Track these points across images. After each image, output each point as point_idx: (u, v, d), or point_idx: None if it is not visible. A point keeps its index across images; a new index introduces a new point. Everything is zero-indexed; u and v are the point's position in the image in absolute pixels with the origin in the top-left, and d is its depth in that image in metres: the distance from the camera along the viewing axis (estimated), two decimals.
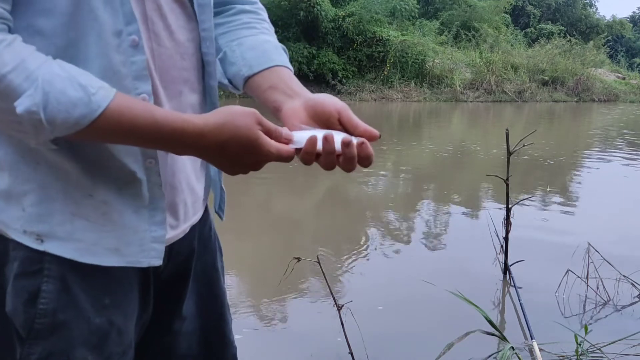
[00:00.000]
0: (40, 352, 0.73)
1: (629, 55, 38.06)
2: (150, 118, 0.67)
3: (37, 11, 0.65)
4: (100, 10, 0.67)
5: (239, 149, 0.70)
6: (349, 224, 4.32)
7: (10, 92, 0.60)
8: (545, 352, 2.19)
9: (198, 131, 0.69)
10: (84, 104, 0.63)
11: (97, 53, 0.68)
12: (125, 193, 0.75)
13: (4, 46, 0.61)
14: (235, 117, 0.70)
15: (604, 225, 4.34)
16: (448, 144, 9.50)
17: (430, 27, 22.56)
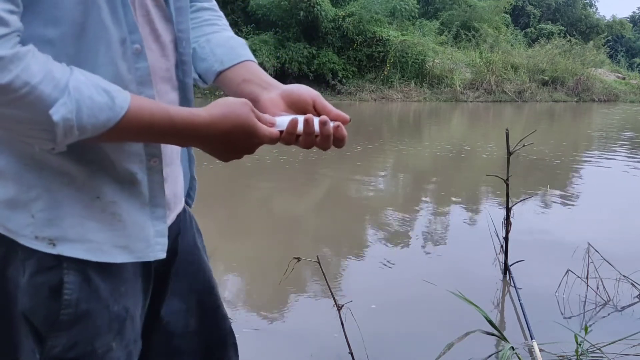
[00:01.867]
0: (65, 343, 0.76)
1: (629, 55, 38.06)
2: (165, 114, 0.73)
3: (46, 21, 0.67)
4: (108, 20, 0.71)
5: (240, 134, 0.78)
6: (349, 224, 4.32)
7: (40, 101, 0.62)
8: (545, 352, 2.19)
9: (206, 122, 0.75)
10: (109, 108, 0.67)
11: (106, 61, 0.72)
12: (130, 192, 0.79)
13: (30, 57, 0.62)
14: (234, 107, 0.78)
15: (604, 225, 4.34)
16: (448, 144, 9.50)
17: (430, 27, 22.56)
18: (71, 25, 0.68)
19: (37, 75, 0.62)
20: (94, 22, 0.70)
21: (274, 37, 19.65)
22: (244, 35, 19.48)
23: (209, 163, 6.38)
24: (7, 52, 0.60)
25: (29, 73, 0.61)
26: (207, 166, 6.15)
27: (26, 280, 0.75)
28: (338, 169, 6.82)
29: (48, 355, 0.77)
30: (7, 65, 0.60)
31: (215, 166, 6.31)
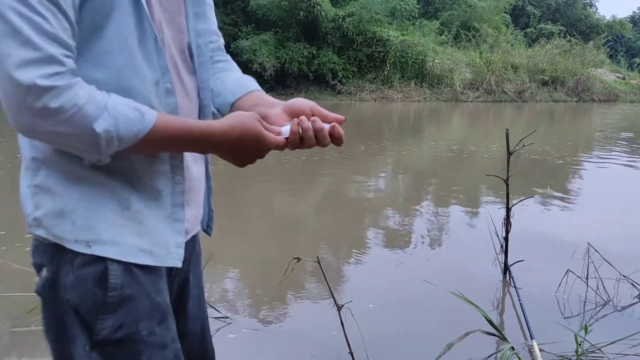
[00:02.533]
0: (112, 324, 0.88)
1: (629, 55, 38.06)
2: (186, 126, 0.89)
3: (95, 65, 0.85)
4: (143, 66, 0.89)
5: (249, 142, 0.92)
6: (349, 224, 4.32)
7: (86, 118, 0.80)
8: (545, 352, 2.19)
9: (220, 131, 0.90)
10: (139, 121, 0.84)
11: (141, 96, 0.89)
12: (156, 206, 0.94)
13: (78, 86, 0.80)
14: (243, 118, 0.93)
15: (604, 225, 4.34)
16: (448, 144, 9.50)
17: (430, 27, 22.55)
18: (114, 69, 0.86)
19: (83, 99, 0.79)
20: (131, 68, 0.87)
21: (274, 37, 19.64)
22: (244, 35, 19.50)
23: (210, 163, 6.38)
24: (61, 83, 0.77)
25: (76, 97, 0.79)
26: None
27: (74, 276, 0.88)
28: (338, 169, 6.82)
29: (97, 339, 0.88)
30: (60, 92, 0.77)
31: (215, 166, 6.30)
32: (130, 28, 0.86)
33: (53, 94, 0.77)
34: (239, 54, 18.84)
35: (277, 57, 19.02)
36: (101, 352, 0.89)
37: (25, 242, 3.55)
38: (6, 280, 2.85)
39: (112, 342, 0.89)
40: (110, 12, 0.84)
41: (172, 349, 0.95)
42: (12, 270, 2.79)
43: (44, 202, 0.89)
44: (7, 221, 4.20)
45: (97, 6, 0.83)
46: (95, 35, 0.84)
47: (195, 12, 1.01)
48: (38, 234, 0.91)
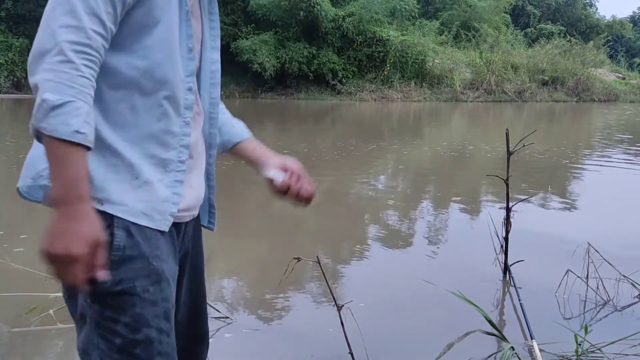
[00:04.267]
0: (113, 279, 1.01)
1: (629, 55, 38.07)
2: (81, 174, 0.97)
3: (138, 57, 1.03)
4: (177, 65, 1.08)
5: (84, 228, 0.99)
6: (349, 224, 4.32)
7: (58, 91, 0.93)
8: (545, 352, 2.19)
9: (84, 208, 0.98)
10: (69, 130, 0.93)
11: (171, 88, 1.07)
12: (160, 178, 1.09)
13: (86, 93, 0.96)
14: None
15: (604, 225, 4.34)
16: (448, 144, 9.50)
17: (430, 27, 22.56)
18: (154, 62, 1.04)
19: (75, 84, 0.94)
20: (168, 64, 1.06)
21: (274, 37, 19.64)
22: (244, 35, 19.49)
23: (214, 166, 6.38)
24: (76, 59, 0.94)
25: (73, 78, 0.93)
26: None
27: None
28: (338, 169, 6.82)
29: (98, 291, 1.01)
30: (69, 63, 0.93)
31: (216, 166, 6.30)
32: (174, 34, 1.07)
33: (64, 60, 0.92)
34: (239, 54, 18.84)
35: (277, 57, 19.02)
36: (101, 303, 1.02)
37: (25, 242, 3.55)
38: (6, 280, 2.85)
39: (111, 294, 1.02)
40: (160, 18, 1.04)
41: (162, 306, 1.07)
42: (12, 270, 2.79)
43: None
44: (7, 221, 4.20)
45: (150, 11, 1.03)
46: (144, 32, 1.03)
47: (212, 46, 1.21)
48: (45, 183, 1.02)
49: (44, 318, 2.42)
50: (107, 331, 1.03)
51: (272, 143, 8.65)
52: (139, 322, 1.04)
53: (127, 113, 1.04)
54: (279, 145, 8.35)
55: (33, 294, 2.59)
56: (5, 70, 20.19)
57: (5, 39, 20.52)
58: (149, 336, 1.05)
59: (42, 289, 2.61)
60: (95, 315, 1.03)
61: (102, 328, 1.03)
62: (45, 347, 2.27)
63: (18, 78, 20.65)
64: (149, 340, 1.05)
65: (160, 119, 1.08)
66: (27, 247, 3.41)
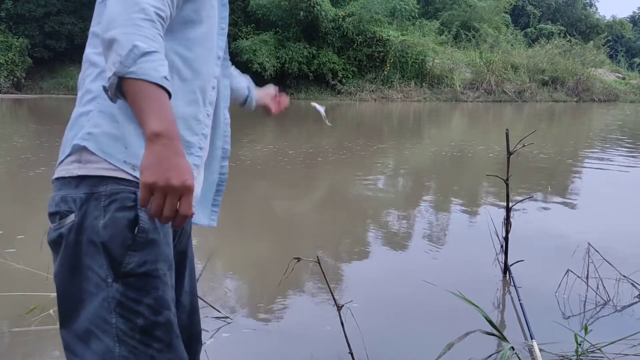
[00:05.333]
0: (137, 261, 1.05)
1: (629, 55, 38.06)
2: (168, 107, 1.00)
3: (180, 45, 1.14)
4: (210, 61, 1.22)
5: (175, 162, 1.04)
6: (349, 224, 4.32)
7: (139, 39, 0.98)
8: (545, 352, 2.19)
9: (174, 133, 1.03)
10: (156, 69, 0.97)
11: (202, 80, 1.20)
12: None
13: (159, 36, 1.01)
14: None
15: (604, 225, 4.34)
16: (448, 144, 9.50)
17: (430, 27, 22.56)
18: (193, 54, 1.16)
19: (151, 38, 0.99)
20: (205, 57, 1.19)
21: (274, 37, 19.63)
22: (244, 35, 19.50)
23: None
24: (155, 18, 1.00)
25: (152, 35, 0.99)
26: None
27: (107, 218, 1.05)
28: (338, 169, 6.82)
29: (123, 271, 1.04)
30: (150, 22, 0.99)
31: None
32: (213, 37, 1.22)
33: (148, 19, 0.98)
34: (239, 54, 18.83)
35: (277, 57, 19.02)
36: (124, 283, 1.05)
37: (25, 242, 3.55)
38: (6, 280, 2.85)
39: (136, 275, 1.05)
40: (204, 19, 1.18)
41: (173, 291, 1.12)
42: (12, 270, 2.79)
43: (104, 124, 1.08)
44: (6, 221, 4.20)
45: (198, 9, 1.15)
46: (190, 26, 1.15)
47: (224, 74, 1.33)
48: (85, 144, 1.07)
49: (44, 318, 2.42)
50: (129, 311, 1.04)
51: (279, 143, 8.65)
52: (161, 305, 1.07)
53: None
54: (286, 146, 8.35)
55: (33, 294, 2.59)
56: (5, 70, 20.19)
57: (5, 39, 20.52)
58: (169, 319, 1.08)
59: (42, 289, 2.61)
60: (117, 295, 1.04)
61: (123, 308, 1.04)
62: (45, 347, 2.27)
63: (18, 78, 20.65)
64: (169, 322, 1.08)
65: (192, 105, 1.16)
66: (26, 247, 3.41)
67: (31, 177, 5.69)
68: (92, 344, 1.04)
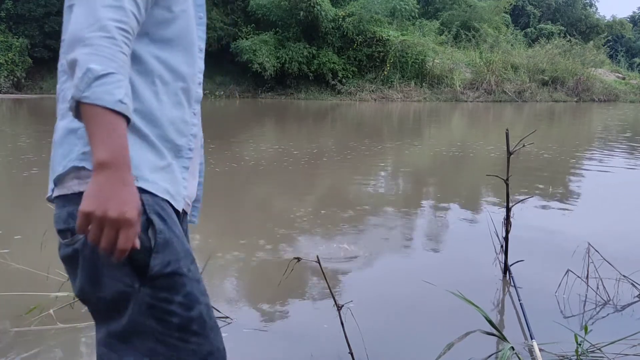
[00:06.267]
0: (161, 262, 1.06)
1: (629, 55, 38.06)
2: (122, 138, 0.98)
3: (157, 47, 1.11)
4: (190, 60, 1.18)
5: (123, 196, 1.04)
6: (349, 224, 4.32)
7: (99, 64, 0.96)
8: (545, 352, 2.19)
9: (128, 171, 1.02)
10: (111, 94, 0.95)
11: (185, 80, 1.17)
12: (176, 162, 1.16)
13: (122, 53, 0.97)
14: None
15: (604, 225, 4.34)
16: (448, 144, 9.50)
17: (430, 27, 22.56)
18: (172, 54, 1.13)
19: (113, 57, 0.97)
20: (185, 58, 1.16)
21: (274, 37, 19.63)
22: (244, 35, 19.50)
23: (210, 163, 6.38)
24: (117, 35, 0.96)
25: (114, 54, 0.96)
26: (208, 166, 6.15)
27: None
28: (338, 169, 6.82)
29: (150, 274, 1.05)
30: (110, 40, 0.96)
31: (216, 165, 6.31)
32: (192, 29, 1.17)
33: (107, 36, 0.95)
34: (239, 54, 18.83)
35: (277, 57, 19.01)
36: (152, 286, 1.06)
37: (24, 242, 3.55)
38: (6, 281, 2.85)
39: (163, 276, 1.06)
40: (179, 14, 1.12)
41: (202, 284, 1.15)
42: (12, 270, 2.79)
43: None
44: (6, 221, 4.20)
45: (170, 6, 1.10)
46: (165, 25, 1.11)
47: (200, 48, 1.23)
48: (84, 165, 1.05)
49: (44, 318, 2.42)
50: (163, 312, 1.07)
51: (284, 144, 8.64)
52: (191, 300, 1.10)
53: (152, 98, 1.10)
54: (291, 146, 8.34)
55: (33, 294, 2.59)
56: (5, 70, 20.19)
57: (5, 39, 20.51)
58: (201, 312, 1.12)
59: (42, 289, 2.61)
60: (147, 298, 1.06)
61: (156, 310, 1.06)
62: (45, 347, 2.27)
63: (18, 78, 20.64)
64: (201, 316, 1.12)
65: (177, 107, 1.15)
66: (26, 246, 3.41)
67: (31, 177, 5.72)
68: (134, 344, 1.07)
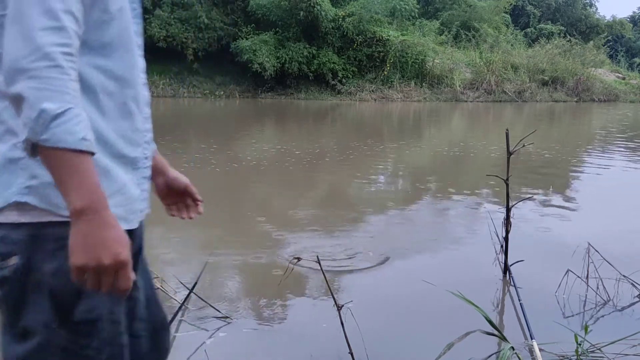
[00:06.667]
0: (88, 307, 1.01)
1: (629, 55, 38.03)
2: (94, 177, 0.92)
3: (97, 54, 1.01)
4: (132, 62, 1.07)
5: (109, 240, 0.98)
6: (349, 224, 4.32)
7: (45, 99, 0.88)
8: (545, 352, 2.19)
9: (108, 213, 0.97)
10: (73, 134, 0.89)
11: (132, 85, 1.07)
12: (132, 175, 1.09)
13: (70, 77, 0.90)
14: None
15: (604, 225, 4.34)
16: (448, 144, 9.51)
17: (430, 27, 22.53)
18: (112, 60, 1.03)
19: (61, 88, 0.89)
20: (127, 61, 1.06)
21: (274, 37, 19.61)
22: (244, 35, 19.48)
23: (212, 163, 6.38)
24: (62, 61, 0.88)
25: (61, 84, 0.88)
26: (210, 166, 6.15)
27: (57, 265, 0.97)
28: (338, 169, 6.82)
29: (72, 320, 0.99)
30: (56, 67, 0.88)
31: (216, 165, 6.31)
32: (129, 26, 1.06)
33: (52, 65, 0.87)
34: (239, 54, 18.81)
35: (277, 57, 19.00)
36: (71, 330, 1.00)
37: None
38: None
39: (85, 322, 1.01)
40: (115, 14, 1.01)
41: (123, 322, 1.08)
42: None
43: (41, 173, 0.95)
44: None
45: (107, 7, 1.00)
46: (102, 29, 1.00)
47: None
48: (27, 200, 0.96)
49: None
50: (74, 356, 1.02)
51: (286, 143, 8.64)
52: (105, 344, 1.04)
53: (97, 117, 0.99)
54: (293, 146, 8.33)
55: None
56: None
57: None
58: (113, 354, 1.06)
59: None
60: (62, 341, 1.00)
61: (69, 353, 1.01)
62: None
63: None
64: (112, 357, 1.06)
65: (126, 118, 1.05)
66: None
67: None
68: None
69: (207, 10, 19.10)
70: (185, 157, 6.82)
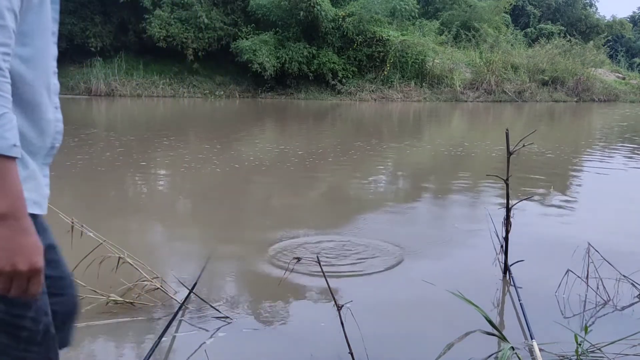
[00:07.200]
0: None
1: (629, 55, 38.02)
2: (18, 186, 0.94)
3: (17, 44, 0.97)
4: (48, 50, 1.07)
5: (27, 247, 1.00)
6: (349, 224, 4.32)
7: None
8: (545, 352, 2.19)
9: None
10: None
11: (47, 74, 1.07)
12: (36, 161, 1.08)
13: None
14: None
15: (604, 225, 4.34)
16: (448, 143, 9.50)
17: (430, 27, 22.53)
18: (33, 49, 1.02)
19: None
20: (45, 50, 1.05)
21: (274, 37, 19.62)
22: (244, 35, 19.49)
23: (214, 162, 6.38)
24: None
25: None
26: (211, 165, 6.15)
27: None
28: (338, 168, 6.82)
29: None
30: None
31: (216, 165, 6.31)
32: (48, 17, 1.05)
33: None
34: (239, 54, 18.82)
35: (277, 57, 19.00)
36: (7, 303, 1.02)
37: None
38: None
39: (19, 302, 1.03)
40: (35, 2, 0.99)
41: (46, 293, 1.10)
42: None
43: None
44: None
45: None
46: (23, 17, 0.97)
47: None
48: None
49: None
50: (14, 327, 1.04)
51: (291, 144, 8.63)
52: (40, 314, 1.07)
53: (14, 106, 0.98)
54: (297, 146, 8.33)
55: None
56: None
57: None
58: (47, 325, 1.09)
59: None
60: (1, 314, 1.03)
61: (7, 324, 1.04)
62: None
63: None
64: (47, 328, 1.10)
65: (38, 107, 1.04)
66: None
67: None
68: None
69: (207, 10, 19.10)
70: (186, 157, 6.83)
